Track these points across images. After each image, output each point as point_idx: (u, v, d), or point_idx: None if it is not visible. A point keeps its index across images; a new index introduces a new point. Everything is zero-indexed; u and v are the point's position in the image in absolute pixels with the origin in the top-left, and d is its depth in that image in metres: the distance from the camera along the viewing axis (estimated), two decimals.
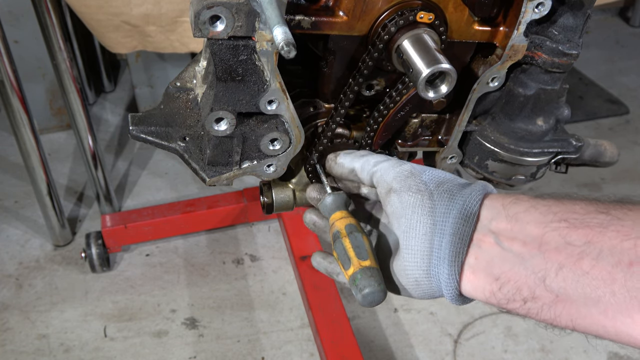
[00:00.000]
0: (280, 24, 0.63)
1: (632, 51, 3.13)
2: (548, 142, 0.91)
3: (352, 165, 0.80)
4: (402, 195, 0.71)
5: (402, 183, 0.71)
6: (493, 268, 0.64)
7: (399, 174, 0.73)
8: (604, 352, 1.76)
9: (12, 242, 2.08)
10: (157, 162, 2.42)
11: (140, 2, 1.73)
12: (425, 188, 0.70)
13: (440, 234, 0.67)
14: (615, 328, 0.57)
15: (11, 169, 2.35)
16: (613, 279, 0.56)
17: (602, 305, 0.57)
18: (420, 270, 0.68)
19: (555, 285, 0.59)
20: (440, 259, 0.66)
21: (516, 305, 0.62)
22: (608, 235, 0.57)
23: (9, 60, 1.67)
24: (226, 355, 1.76)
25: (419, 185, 0.71)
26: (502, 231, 0.64)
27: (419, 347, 1.78)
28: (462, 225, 0.65)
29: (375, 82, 0.84)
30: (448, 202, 0.68)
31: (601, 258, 0.57)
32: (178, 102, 0.86)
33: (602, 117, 2.68)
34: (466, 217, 0.66)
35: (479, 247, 0.65)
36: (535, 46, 0.81)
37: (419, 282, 0.69)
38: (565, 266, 0.59)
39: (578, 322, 0.59)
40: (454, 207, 0.67)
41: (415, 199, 0.69)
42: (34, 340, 1.78)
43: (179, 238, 2.10)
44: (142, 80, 2.47)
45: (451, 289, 0.66)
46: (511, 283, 0.62)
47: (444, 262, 0.66)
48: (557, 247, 0.59)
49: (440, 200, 0.68)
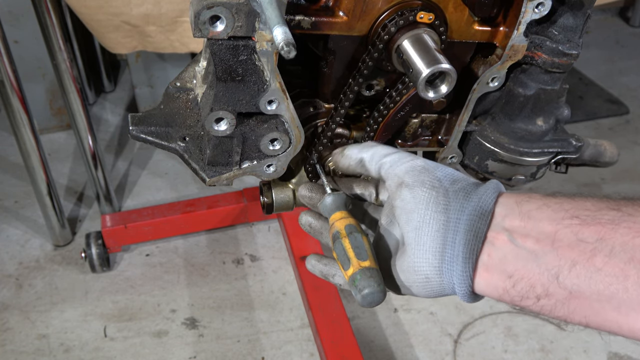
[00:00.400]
0: (280, 24, 0.63)
1: (632, 51, 3.13)
2: (548, 142, 0.91)
3: (361, 156, 0.78)
4: (415, 190, 0.70)
5: (416, 178, 0.70)
6: (506, 265, 0.64)
7: (412, 168, 0.72)
8: (604, 352, 1.76)
9: (12, 242, 2.08)
10: (157, 162, 2.42)
11: (140, 2, 1.73)
12: (440, 185, 0.69)
13: (454, 230, 0.66)
14: (629, 324, 0.57)
15: (11, 169, 2.35)
16: (626, 275, 0.56)
17: (616, 302, 0.57)
18: (431, 267, 0.68)
19: (568, 282, 0.59)
20: (454, 255, 0.66)
21: (529, 303, 0.63)
22: (620, 232, 0.57)
23: (9, 60, 1.67)
24: (226, 355, 1.76)
25: (433, 181, 0.70)
26: (516, 228, 0.64)
27: (419, 347, 1.78)
28: (477, 222, 0.65)
29: (375, 82, 0.84)
30: (463, 199, 0.67)
31: (614, 255, 0.57)
32: (178, 102, 0.86)
33: (602, 117, 2.68)
34: (481, 215, 0.65)
35: (493, 244, 0.65)
36: (535, 46, 0.81)
37: (430, 279, 0.69)
38: (578, 263, 0.59)
39: (591, 318, 0.59)
40: (468, 205, 0.66)
41: (429, 195, 0.69)
42: (34, 340, 1.78)
43: (179, 238, 2.10)
44: (142, 80, 2.47)
45: (464, 287, 0.66)
46: (525, 280, 0.62)
47: (457, 259, 0.65)
48: (570, 244, 0.60)
49: (455, 198, 0.68)
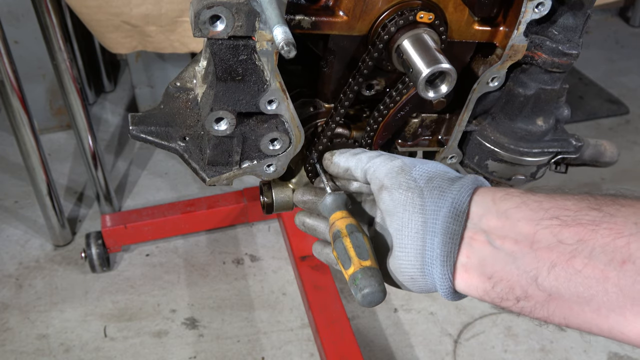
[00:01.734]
0: (280, 23, 0.63)
1: (632, 51, 3.13)
2: (548, 142, 0.91)
3: (347, 165, 0.80)
4: (392, 192, 0.71)
5: (393, 180, 0.71)
6: (485, 267, 0.64)
7: (390, 170, 0.73)
8: (604, 352, 1.76)
9: (12, 242, 2.08)
10: (157, 162, 2.42)
11: (140, 2, 1.73)
12: (415, 185, 0.70)
13: (431, 233, 0.67)
14: (609, 326, 0.57)
15: (11, 169, 2.35)
16: (606, 277, 0.56)
17: (595, 304, 0.57)
18: (414, 268, 0.69)
19: (547, 284, 0.59)
20: (432, 258, 0.67)
21: (509, 304, 0.63)
22: (600, 233, 0.57)
23: (9, 60, 1.67)
24: (226, 355, 1.76)
25: (409, 182, 0.70)
26: (493, 229, 0.64)
27: (419, 347, 1.78)
28: (452, 223, 0.65)
29: (375, 82, 0.84)
30: (438, 199, 0.68)
31: (593, 256, 0.56)
32: (178, 102, 0.86)
33: (602, 117, 2.68)
34: (456, 215, 0.66)
35: (471, 245, 0.65)
36: (535, 46, 0.81)
37: (415, 279, 0.70)
38: (557, 265, 0.58)
39: (571, 320, 0.59)
40: (443, 205, 0.67)
41: (405, 197, 0.69)
42: (34, 340, 1.78)
43: (179, 238, 2.10)
44: (142, 80, 2.47)
45: (445, 288, 0.67)
46: (504, 282, 0.62)
47: (436, 261, 0.66)
48: (549, 245, 0.59)
49: (430, 197, 0.68)
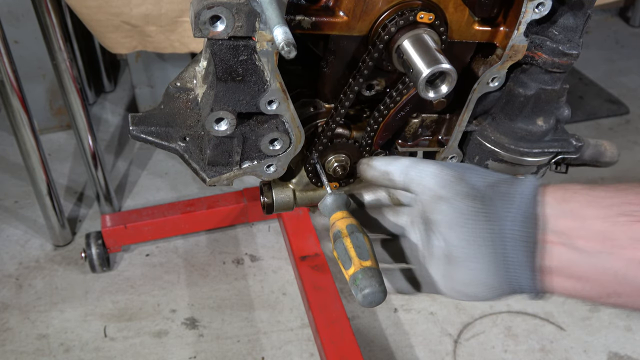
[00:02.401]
0: (280, 24, 0.63)
1: (632, 51, 3.13)
2: (548, 142, 0.91)
3: (387, 168, 0.75)
4: (453, 203, 0.67)
5: (451, 189, 0.68)
6: (571, 269, 0.64)
7: (444, 180, 0.69)
8: (604, 353, 1.76)
9: (12, 242, 2.08)
10: (157, 162, 2.42)
11: (140, 2, 1.72)
12: (478, 193, 0.67)
13: (511, 239, 0.65)
14: None
15: (11, 169, 2.35)
16: None
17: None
18: (495, 276, 0.67)
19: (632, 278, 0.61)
20: (517, 264, 0.65)
21: (602, 301, 0.64)
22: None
23: (9, 60, 1.67)
24: (226, 355, 1.76)
25: (470, 190, 0.67)
26: (570, 230, 0.64)
27: (419, 347, 1.78)
28: (529, 227, 0.65)
29: (375, 82, 0.84)
30: (507, 204, 0.66)
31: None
32: (178, 102, 0.86)
33: (602, 117, 2.68)
34: (530, 219, 0.65)
35: (552, 248, 0.65)
36: (536, 46, 0.81)
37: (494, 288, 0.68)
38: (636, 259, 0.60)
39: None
40: (514, 210, 0.66)
41: (470, 206, 0.66)
42: (34, 340, 1.78)
43: (179, 238, 2.10)
44: (142, 80, 2.47)
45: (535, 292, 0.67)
46: (591, 282, 0.63)
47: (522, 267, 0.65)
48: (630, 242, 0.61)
49: (499, 204, 0.67)
